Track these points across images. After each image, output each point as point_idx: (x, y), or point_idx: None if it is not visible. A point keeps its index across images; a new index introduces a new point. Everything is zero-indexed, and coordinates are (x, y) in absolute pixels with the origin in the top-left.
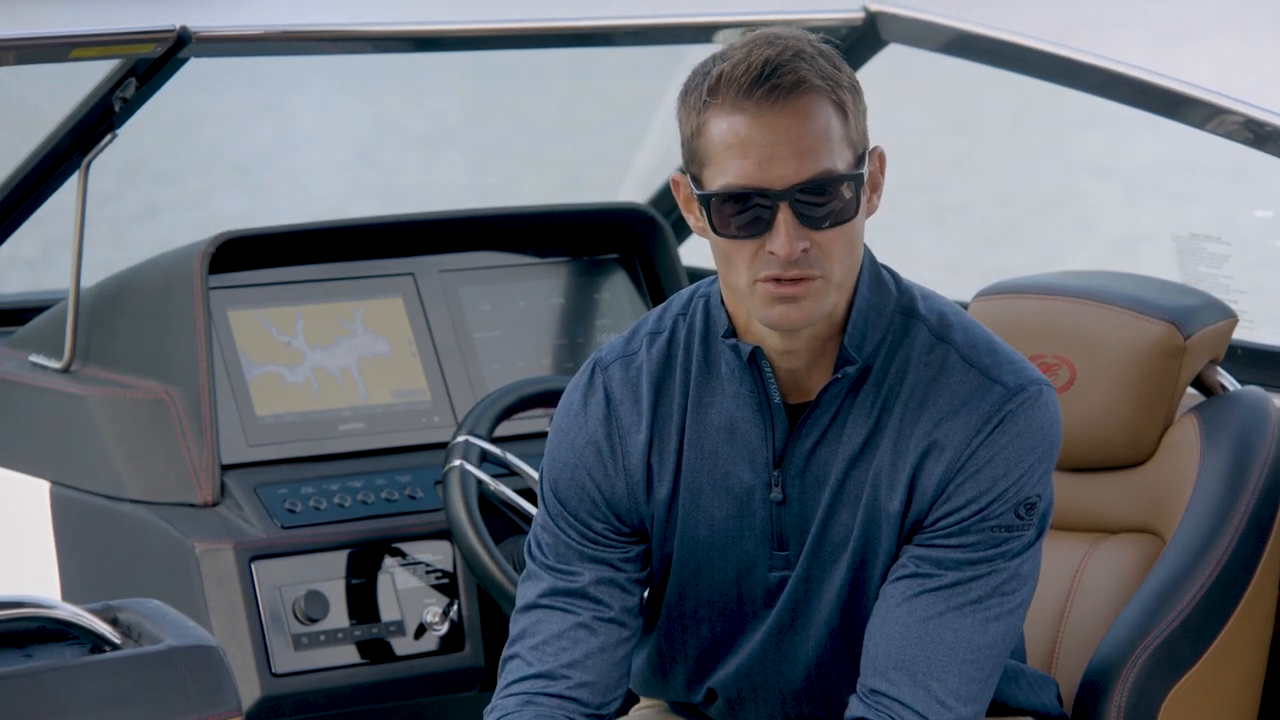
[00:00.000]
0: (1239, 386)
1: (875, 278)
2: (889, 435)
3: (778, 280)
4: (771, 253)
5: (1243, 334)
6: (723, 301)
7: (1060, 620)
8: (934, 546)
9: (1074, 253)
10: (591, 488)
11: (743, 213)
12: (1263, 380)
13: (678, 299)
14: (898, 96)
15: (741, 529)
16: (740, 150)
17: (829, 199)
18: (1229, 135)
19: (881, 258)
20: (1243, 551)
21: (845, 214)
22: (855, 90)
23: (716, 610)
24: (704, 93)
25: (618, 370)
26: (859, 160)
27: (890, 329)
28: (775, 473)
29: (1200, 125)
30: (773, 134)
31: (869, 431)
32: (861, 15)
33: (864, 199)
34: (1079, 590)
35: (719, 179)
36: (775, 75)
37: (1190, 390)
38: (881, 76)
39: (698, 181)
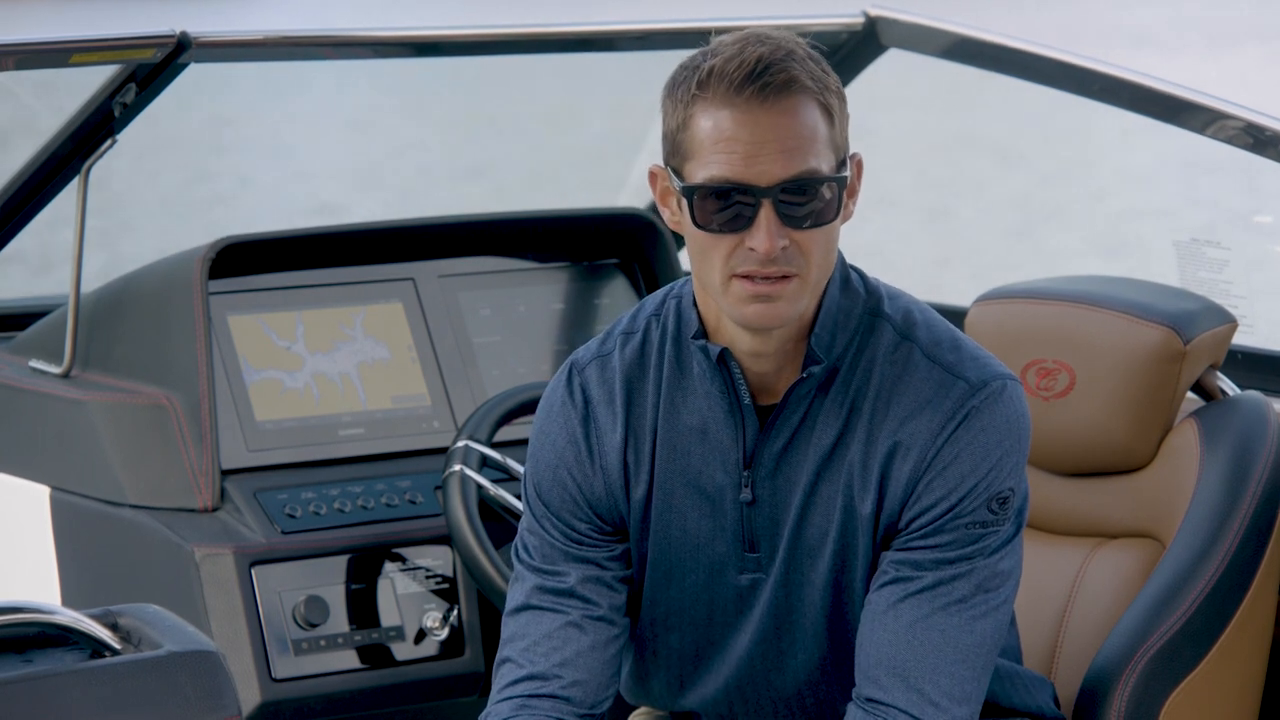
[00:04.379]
0: (1239, 391)
1: (845, 279)
2: (859, 436)
3: (751, 278)
4: (751, 249)
5: (1243, 339)
6: (695, 301)
7: (1060, 625)
8: (911, 549)
9: None
10: (573, 487)
11: (725, 208)
12: (1262, 385)
13: (651, 300)
14: None
15: (714, 530)
16: (727, 145)
17: (811, 199)
18: (1229, 140)
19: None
20: (1242, 556)
21: (825, 215)
22: (841, 96)
23: (688, 618)
24: (693, 86)
25: (594, 371)
26: (841, 164)
27: (858, 329)
28: (745, 473)
29: (1200, 130)
30: (760, 131)
31: (839, 432)
32: (861, 20)
33: (843, 203)
34: (1079, 595)
35: (702, 172)
36: (767, 73)
37: (1190, 395)
38: None
39: (679, 174)
